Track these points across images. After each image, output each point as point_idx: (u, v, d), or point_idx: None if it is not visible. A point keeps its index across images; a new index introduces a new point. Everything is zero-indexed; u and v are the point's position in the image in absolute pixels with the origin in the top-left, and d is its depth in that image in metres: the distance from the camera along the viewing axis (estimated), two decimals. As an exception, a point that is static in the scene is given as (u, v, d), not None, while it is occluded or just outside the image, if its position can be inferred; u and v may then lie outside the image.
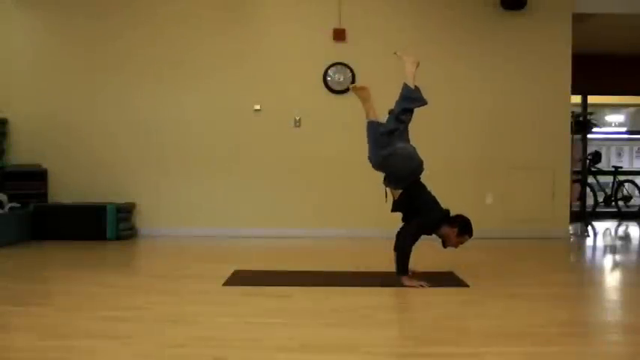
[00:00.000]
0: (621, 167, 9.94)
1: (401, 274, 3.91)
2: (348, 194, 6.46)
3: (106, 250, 5.64)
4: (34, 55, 6.63)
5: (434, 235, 3.97)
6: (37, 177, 6.43)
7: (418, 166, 4.10)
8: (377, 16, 6.61)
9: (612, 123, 11.74)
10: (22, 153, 6.54)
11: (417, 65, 4.26)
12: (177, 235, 6.39)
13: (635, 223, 8.56)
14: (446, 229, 3.92)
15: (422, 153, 6.53)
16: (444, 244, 3.99)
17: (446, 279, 4.04)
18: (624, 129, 11.70)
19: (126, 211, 6.34)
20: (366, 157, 6.72)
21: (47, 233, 6.06)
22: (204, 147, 6.57)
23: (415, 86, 4.20)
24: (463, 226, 3.95)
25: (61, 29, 6.62)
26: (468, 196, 6.57)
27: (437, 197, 4.17)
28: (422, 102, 4.20)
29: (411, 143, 4.20)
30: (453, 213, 4.07)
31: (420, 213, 3.93)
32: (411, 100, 4.17)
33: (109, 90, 6.58)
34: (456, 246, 3.99)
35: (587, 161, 8.64)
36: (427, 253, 4.13)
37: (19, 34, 6.64)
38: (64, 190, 6.50)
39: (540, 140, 6.63)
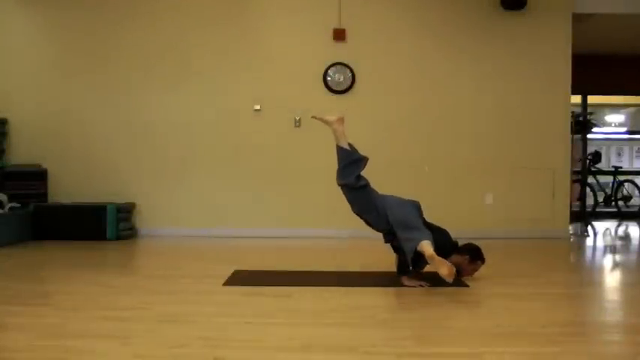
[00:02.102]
0: (621, 167, 9.94)
1: (401, 273, 3.92)
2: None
3: (106, 250, 5.64)
4: (35, 56, 6.63)
5: None
6: (37, 177, 6.43)
7: (418, 209, 3.97)
8: (377, 16, 6.61)
9: (612, 123, 11.74)
10: (22, 153, 6.54)
11: (343, 121, 4.09)
12: (177, 235, 6.39)
13: (635, 223, 8.56)
14: (457, 259, 3.89)
15: (422, 153, 6.58)
16: (459, 274, 3.94)
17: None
18: (624, 129, 11.70)
19: (126, 211, 6.34)
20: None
21: (47, 233, 6.06)
22: (204, 147, 6.57)
23: (349, 144, 4.01)
24: (473, 253, 3.96)
25: (62, 29, 6.62)
26: (468, 196, 6.58)
27: (437, 197, 4.17)
28: (364, 161, 3.98)
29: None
30: (452, 213, 4.07)
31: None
32: (353, 164, 3.93)
33: (109, 90, 6.58)
34: (471, 274, 3.99)
35: (587, 161, 8.64)
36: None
37: (20, 34, 6.64)
38: (64, 190, 6.50)
39: (540, 140, 6.63)
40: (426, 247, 3.55)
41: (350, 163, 3.95)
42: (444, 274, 3.42)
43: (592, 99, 9.50)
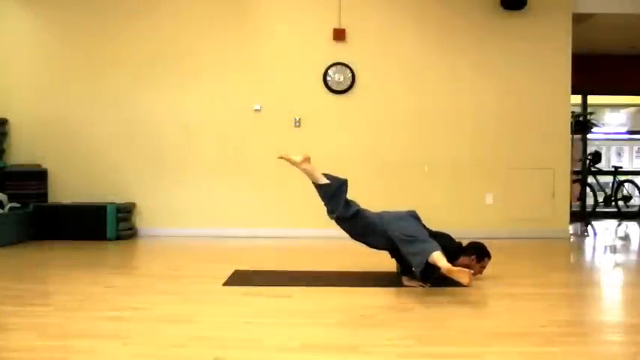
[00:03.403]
0: (621, 167, 9.93)
1: (402, 273, 3.92)
2: (348, 194, 6.45)
3: (106, 250, 5.64)
4: (35, 56, 6.63)
5: None
6: (37, 177, 6.43)
7: (417, 218, 3.94)
8: (377, 16, 6.61)
9: (612, 123, 11.73)
10: (22, 153, 6.54)
11: (309, 159, 4.00)
12: (177, 235, 6.39)
13: (635, 223, 8.56)
14: (464, 260, 3.92)
15: (422, 153, 6.58)
16: None
17: (446, 279, 4.03)
18: (624, 129, 11.69)
19: (126, 211, 6.34)
20: (366, 159, 6.73)
21: (47, 233, 6.06)
22: (204, 147, 6.57)
23: (326, 176, 3.92)
24: (479, 252, 3.99)
25: (62, 29, 6.62)
26: (468, 196, 6.58)
27: (437, 198, 4.16)
28: (344, 184, 3.89)
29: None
30: (453, 214, 4.06)
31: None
32: (337, 194, 3.85)
33: (109, 90, 6.58)
34: (480, 272, 4.02)
35: (587, 161, 8.64)
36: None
37: (20, 34, 6.64)
38: (64, 190, 6.50)
39: (540, 140, 6.63)
40: (440, 259, 3.48)
41: (332, 197, 3.86)
42: (466, 282, 3.37)
43: (592, 99, 9.50)
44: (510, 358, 2.48)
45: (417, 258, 3.56)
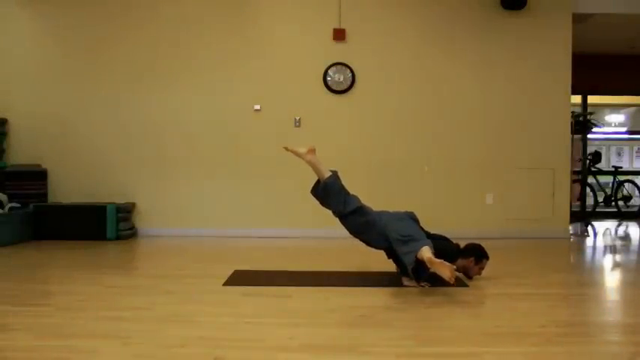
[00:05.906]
0: (621, 167, 9.94)
1: (402, 274, 3.92)
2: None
3: (106, 250, 5.64)
4: (35, 56, 6.63)
5: None
6: (37, 177, 6.44)
7: (415, 220, 3.94)
8: (377, 16, 6.61)
9: (612, 123, 11.74)
10: (22, 153, 6.55)
11: (314, 151, 3.96)
12: (177, 235, 6.39)
13: (635, 223, 8.56)
14: (463, 262, 3.93)
15: (422, 153, 6.58)
16: (468, 276, 4.00)
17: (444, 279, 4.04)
18: (624, 129, 11.70)
19: (126, 211, 6.34)
20: (366, 159, 6.74)
21: (47, 233, 6.06)
22: (204, 147, 6.58)
23: (330, 172, 3.91)
24: (477, 254, 4.00)
25: (62, 30, 6.62)
26: (468, 196, 6.58)
27: (437, 197, 4.16)
28: (338, 177, 3.91)
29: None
30: (452, 213, 4.06)
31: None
32: (339, 194, 3.84)
33: (109, 90, 6.58)
34: (479, 273, 4.03)
35: (587, 161, 8.64)
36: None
37: (20, 35, 6.64)
38: (64, 190, 6.51)
39: (540, 140, 6.64)
40: (425, 252, 3.50)
41: (335, 195, 3.86)
42: (446, 275, 3.37)
43: (592, 99, 9.51)
44: (510, 358, 2.48)
45: (409, 257, 3.58)
